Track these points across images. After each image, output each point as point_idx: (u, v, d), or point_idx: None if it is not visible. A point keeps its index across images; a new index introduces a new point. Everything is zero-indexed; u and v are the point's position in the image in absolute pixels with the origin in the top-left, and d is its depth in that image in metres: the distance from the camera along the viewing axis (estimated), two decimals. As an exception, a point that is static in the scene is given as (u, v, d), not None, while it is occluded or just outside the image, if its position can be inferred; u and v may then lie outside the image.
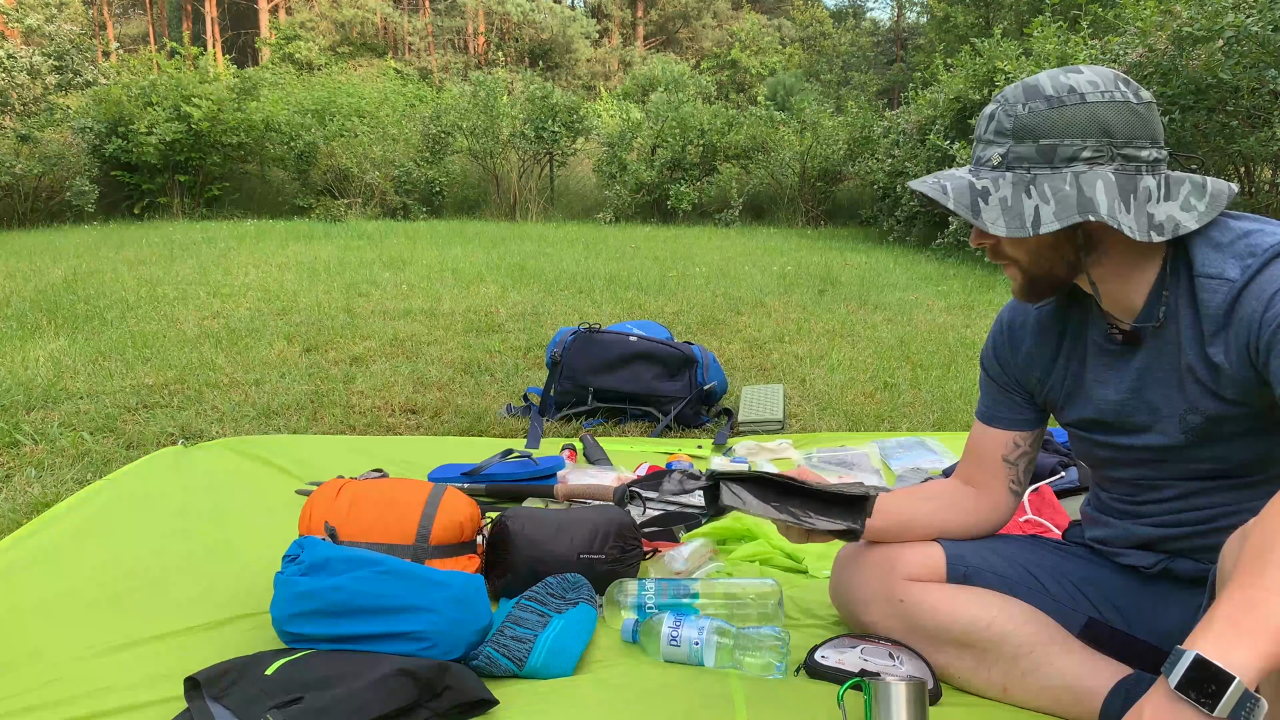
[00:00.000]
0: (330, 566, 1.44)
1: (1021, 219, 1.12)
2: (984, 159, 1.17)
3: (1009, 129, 1.14)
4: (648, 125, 11.85)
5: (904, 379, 3.46)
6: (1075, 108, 1.11)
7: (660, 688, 1.38)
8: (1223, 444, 1.17)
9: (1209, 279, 1.11)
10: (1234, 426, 1.15)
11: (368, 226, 9.74)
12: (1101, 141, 1.10)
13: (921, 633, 1.36)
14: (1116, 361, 1.25)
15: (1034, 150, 1.12)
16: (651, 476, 2.17)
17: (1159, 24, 6.01)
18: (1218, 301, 1.10)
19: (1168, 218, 1.11)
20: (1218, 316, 1.10)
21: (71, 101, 12.06)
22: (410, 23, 33.00)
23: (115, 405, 2.99)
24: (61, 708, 1.33)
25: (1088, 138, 1.10)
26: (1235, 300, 1.08)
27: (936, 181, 1.18)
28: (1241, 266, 1.08)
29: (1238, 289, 1.08)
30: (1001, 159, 1.15)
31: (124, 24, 33.00)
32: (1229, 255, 1.10)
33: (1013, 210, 1.13)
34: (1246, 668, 0.80)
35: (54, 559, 1.85)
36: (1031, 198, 1.12)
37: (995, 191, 1.14)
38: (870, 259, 7.43)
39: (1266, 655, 0.81)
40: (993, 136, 1.16)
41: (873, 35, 35.21)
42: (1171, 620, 1.28)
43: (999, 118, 1.16)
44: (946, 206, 1.15)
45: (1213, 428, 1.16)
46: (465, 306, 4.90)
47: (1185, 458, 1.21)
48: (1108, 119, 1.10)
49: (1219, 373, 1.12)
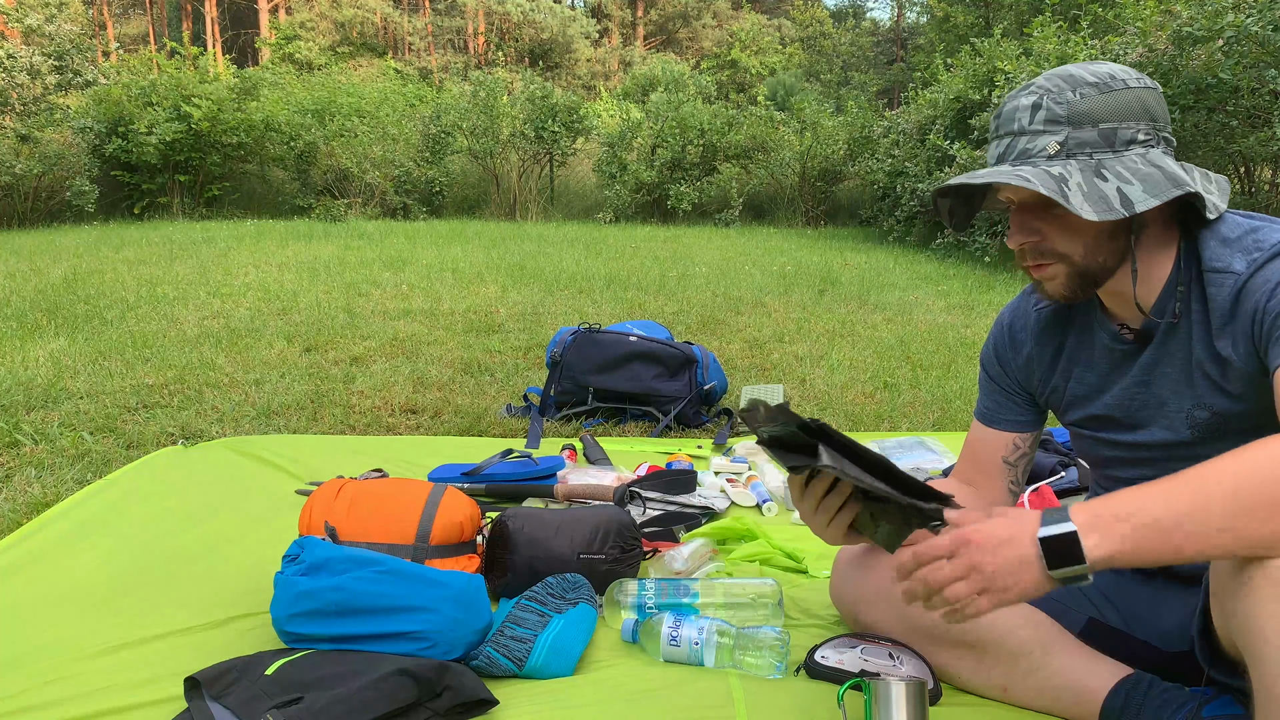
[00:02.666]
0: (330, 566, 1.44)
1: (1107, 201, 1.09)
2: (1034, 150, 1.13)
3: (1064, 115, 1.11)
4: (648, 125, 11.85)
5: (904, 379, 3.46)
6: (1122, 92, 1.12)
7: (660, 688, 1.38)
8: (1228, 441, 1.16)
9: (1217, 273, 1.12)
10: (1239, 423, 1.15)
11: (368, 226, 9.74)
12: (1149, 125, 1.12)
13: (922, 633, 1.36)
14: (1124, 360, 1.25)
15: (1095, 135, 1.11)
16: (652, 476, 2.17)
17: (1159, 24, 6.02)
18: (1224, 295, 1.11)
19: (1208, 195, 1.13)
20: (1225, 310, 1.11)
21: (71, 101, 12.05)
22: (410, 23, 32.99)
23: (115, 405, 2.99)
24: (61, 708, 1.32)
25: (1139, 120, 1.12)
26: (1239, 292, 1.09)
27: (1013, 170, 1.12)
28: (1248, 260, 1.09)
29: (1242, 281, 1.09)
30: (1060, 146, 1.12)
31: (124, 24, 32.98)
32: (1236, 250, 1.11)
33: (1092, 195, 1.09)
34: (1099, 554, 0.92)
35: (54, 559, 1.85)
36: (1108, 180, 1.10)
37: (1071, 178, 1.10)
38: (870, 259, 7.43)
39: (1118, 550, 0.92)
40: (1043, 126, 1.12)
41: (873, 35, 35.21)
42: (1170, 620, 1.27)
43: (1048, 106, 1.12)
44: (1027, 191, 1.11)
45: (1219, 424, 1.16)
46: (465, 306, 4.90)
47: (1189, 456, 1.19)
48: (1150, 104, 1.13)
49: (1227, 367, 1.12)
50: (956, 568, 0.97)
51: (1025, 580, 0.95)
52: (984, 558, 0.96)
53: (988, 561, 0.96)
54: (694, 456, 2.50)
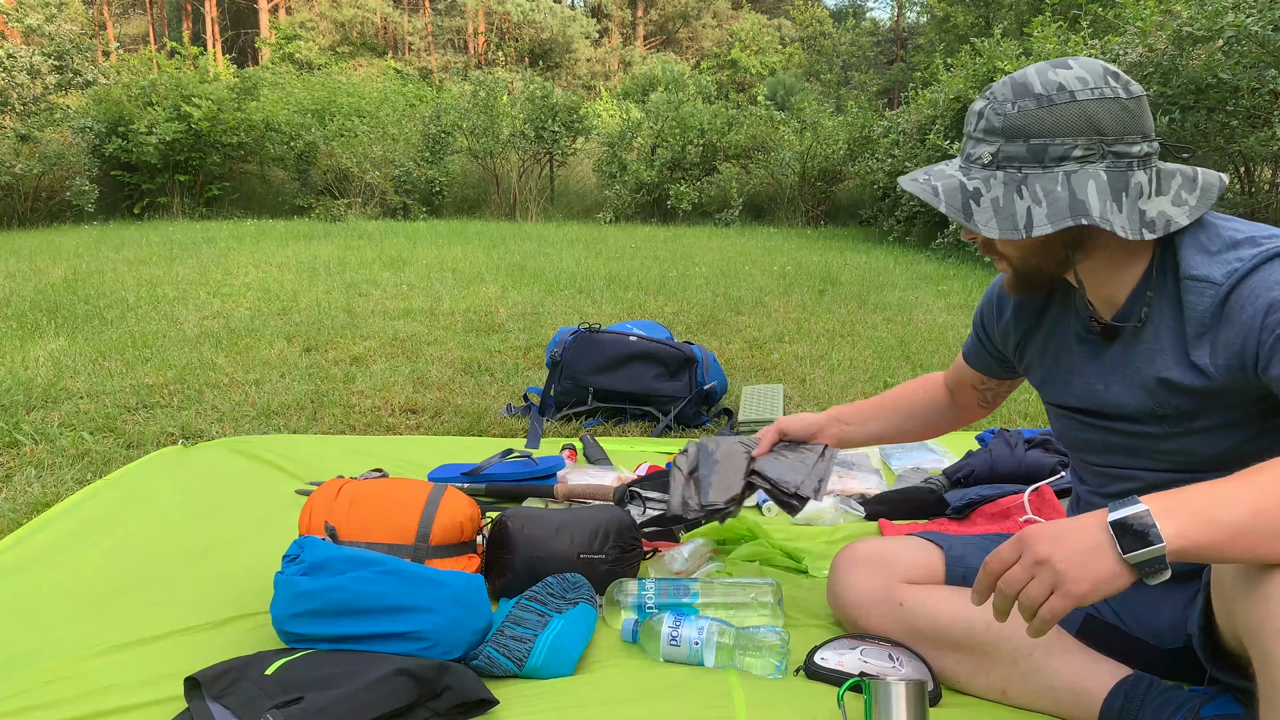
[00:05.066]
0: (330, 566, 1.44)
1: (1014, 220, 1.11)
2: (974, 157, 1.16)
3: (999, 128, 1.13)
4: (648, 125, 11.85)
5: (904, 379, 3.46)
6: (1065, 106, 1.09)
7: (660, 688, 1.38)
8: (1191, 438, 1.18)
9: (1195, 281, 1.11)
10: (1206, 421, 1.16)
11: (368, 226, 9.74)
12: (1092, 140, 1.09)
13: (921, 636, 1.36)
14: (1094, 350, 1.26)
15: (1025, 150, 1.11)
16: (652, 476, 2.17)
17: (1159, 24, 6.01)
18: (1204, 305, 1.10)
19: (1159, 214, 1.11)
20: (1203, 320, 1.11)
21: (71, 101, 12.06)
22: (410, 23, 32.99)
23: (115, 405, 2.99)
24: (61, 708, 1.32)
25: (1079, 136, 1.09)
26: (1222, 303, 1.08)
27: (928, 181, 1.18)
28: (1227, 271, 1.08)
29: (1224, 293, 1.08)
30: (992, 158, 1.14)
31: (124, 24, 32.97)
32: (1216, 259, 1.10)
33: (1005, 211, 1.12)
34: (1176, 543, 0.89)
35: (54, 559, 1.85)
36: (1023, 198, 1.11)
37: (987, 192, 1.13)
38: (870, 259, 7.43)
39: (1194, 541, 0.89)
40: (982, 135, 1.15)
41: (873, 35, 35.19)
42: (1163, 617, 1.28)
43: (988, 116, 1.14)
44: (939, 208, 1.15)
45: (1183, 422, 1.18)
46: (465, 306, 4.90)
47: (1156, 447, 1.22)
48: (1098, 116, 1.09)
49: (1198, 374, 1.13)
50: (1023, 568, 0.93)
51: (1098, 569, 0.90)
52: (1049, 549, 0.92)
53: (1053, 553, 0.91)
54: (694, 456, 2.50)
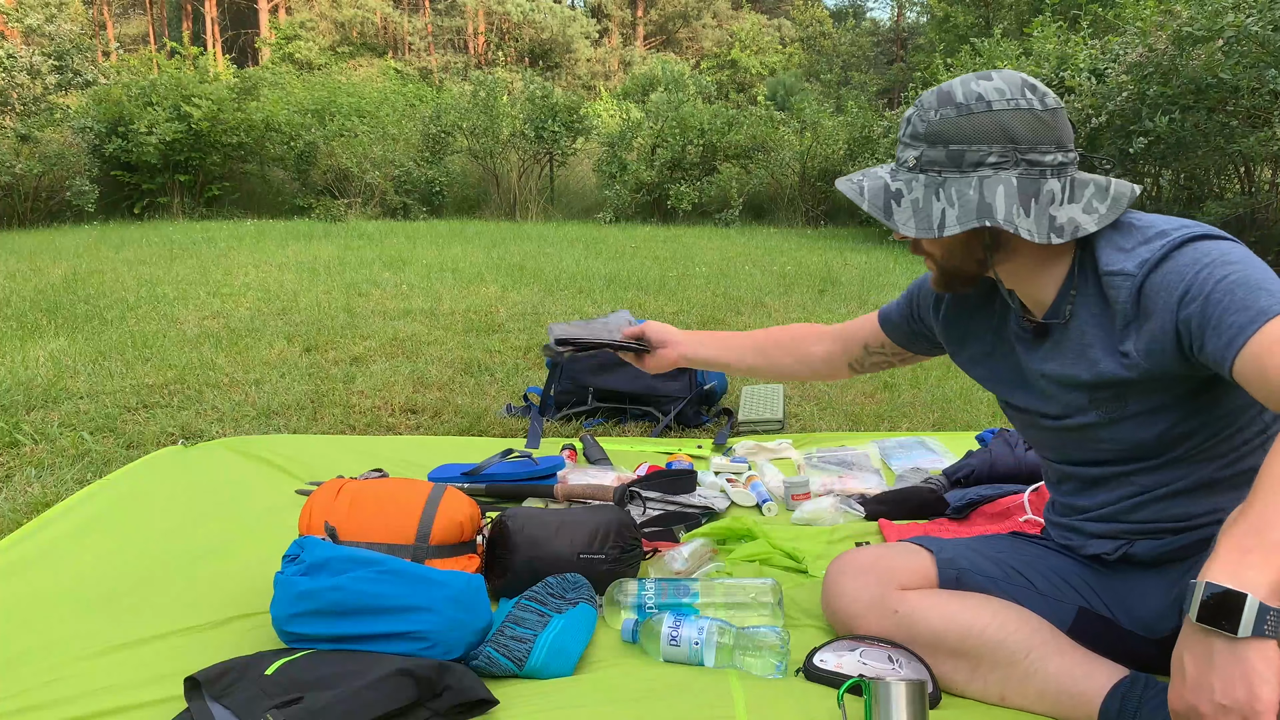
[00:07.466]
0: (330, 566, 1.44)
1: (930, 221, 1.19)
2: (902, 160, 1.24)
3: (922, 133, 1.21)
4: (648, 125, 11.84)
5: (904, 379, 3.46)
6: (982, 115, 1.17)
7: (660, 688, 1.38)
8: (1126, 424, 1.24)
9: (1113, 276, 1.17)
10: (1137, 406, 1.21)
11: (368, 226, 9.74)
12: (1006, 148, 1.17)
13: (917, 643, 1.37)
14: (1030, 348, 1.32)
15: (944, 155, 1.19)
16: (653, 476, 2.17)
17: (1159, 24, 6.02)
18: (1124, 297, 1.16)
19: (1069, 220, 1.17)
20: (1125, 311, 1.17)
21: (71, 101, 12.05)
22: (410, 23, 32.99)
23: (115, 405, 2.99)
24: (61, 708, 1.32)
25: (993, 144, 1.17)
26: (1138, 293, 1.14)
27: (860, 181, 1.26)
28: (1139, 262, 1.14)
29: (1139, 283, 1.14)
30: (916, 161, 1.22)
31: (124, 24, 32.96)
32: (1130, 254, 1.16)
33: (923, 212, 1.20)
34: (1258, 584, 0.84)
35: (54, 559, 1.85)
36: (940, 201, 1.19)
37: (908, 193, 1.21)
38: (870, 259, 7.43)
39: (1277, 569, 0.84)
40: (909, 140, 1.23)
41: (873, 35, 35.20)
42: (1150, 607, 1.30)
43: (914, 122, 1.22)
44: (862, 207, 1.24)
45: (1117, 408, 1.22)
46: (465, 306, 4.90)
47: (1096, 436, 1.27)
48: (1012, 126, 1.16)
49: (1126, 362, 1.18)
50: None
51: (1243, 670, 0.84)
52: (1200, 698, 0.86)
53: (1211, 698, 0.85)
54: (694, 456, 2.50)
